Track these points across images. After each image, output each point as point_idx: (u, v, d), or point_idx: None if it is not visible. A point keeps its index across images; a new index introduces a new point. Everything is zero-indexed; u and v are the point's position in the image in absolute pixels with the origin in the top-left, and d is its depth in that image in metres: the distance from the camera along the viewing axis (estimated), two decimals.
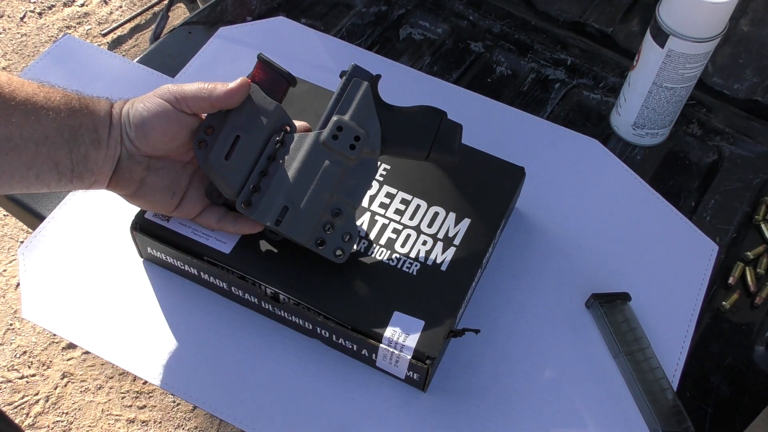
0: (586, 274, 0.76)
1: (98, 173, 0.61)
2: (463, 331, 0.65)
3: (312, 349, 0.69)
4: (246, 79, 0.64)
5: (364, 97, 0.66)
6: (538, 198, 0.81)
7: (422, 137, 0.67)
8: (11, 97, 0.55)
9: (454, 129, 0.67)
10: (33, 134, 0.56)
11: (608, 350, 0.71)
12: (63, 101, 0.59)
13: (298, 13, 1.02)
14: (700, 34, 0.77)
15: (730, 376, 0.73)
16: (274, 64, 0.66)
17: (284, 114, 0.66)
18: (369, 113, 0.66)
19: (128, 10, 2.10)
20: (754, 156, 0.90)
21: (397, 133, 0.67)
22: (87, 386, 1.47)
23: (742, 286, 0.79)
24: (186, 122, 0.63)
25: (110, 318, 0.71)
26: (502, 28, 1.02)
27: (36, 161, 0.57)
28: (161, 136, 0.62)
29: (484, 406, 0.67)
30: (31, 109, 0.56)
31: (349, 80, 0.67)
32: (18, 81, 0.57)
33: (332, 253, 0.65)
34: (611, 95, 0.95)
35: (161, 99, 0.62)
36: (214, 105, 0.63)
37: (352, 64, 0.67)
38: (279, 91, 0.67)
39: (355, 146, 0.65)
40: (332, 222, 0.65)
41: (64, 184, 0.60)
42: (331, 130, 0.65)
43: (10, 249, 1.65)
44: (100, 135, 0.60)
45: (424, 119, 0.67)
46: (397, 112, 0.67)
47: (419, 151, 0.67)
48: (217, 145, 0.64)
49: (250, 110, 0.65)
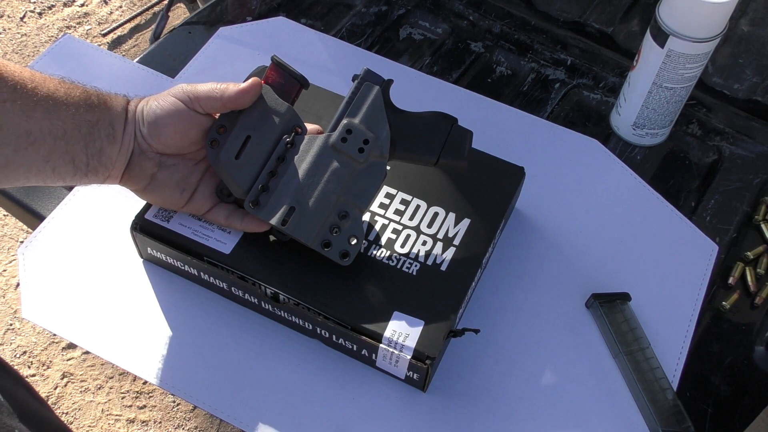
0: (586, 274, 0.76)
1: (112, 168, 0.62)
2: (463, 331, 0.65)
3: (312, 349, 0.69)
4: (258, 80, 0.65)
5: (374, 101, 0.67)
6: (538, 198, 0.81)
7: (432, 142, 0.67)
8: (33, 93, 0.56)
9: (464, 135, 0.68)
10: (52, 129, 0.57)
11: (608, 350, 0.71)
12: (82, 97, 0.60)
13: (298, 13, 1.02)
14: (700, 34, 0.77)
15: (730, 376, 0.73)
16: (287, 66, 0.67)
17: (295, 115, 0.67)
18: (379, 117, 0.67)
19: (128, 10, 2.10)
20: (754, 156, 0.90)
21: (406, 138, 0.67)
22: (87, 386, 1.47)
23: (742, 286, 0.79)
24: (198, 121, 0.64)
25: (110, 318, 0.71)
26: (502, 28, 1.02)
27: (53, 155, 0.58)
28: (173, 134, 0.63)
29: (484, 406, 0.67)
30: (52, 104, 0.57)
31: (361, 84, 0.67)
32: (40, 77, 0.58)
33: (338, 255, 0.66)
34: (611, 95, 0.95)
35: (175, 98, 0.63)
36: (226, 105, 0.64)
37: (365, 68, 0.68)
38: (291, 93, 0.67)
39: (363, 149, 0.66)
40: (339, 224, 0.65)
41: (80, 177, 0.61)
42: (341, 132, 0.66)
43: (10, 249, 1.65)
44: (115, 130, 0.61)
45: (434, 124, 0.68)
46: (407, 117, 0.68)
47: (428, 156, 0.67)
48: (228, 145, 0.65)
49: (261, 111, 0.66)
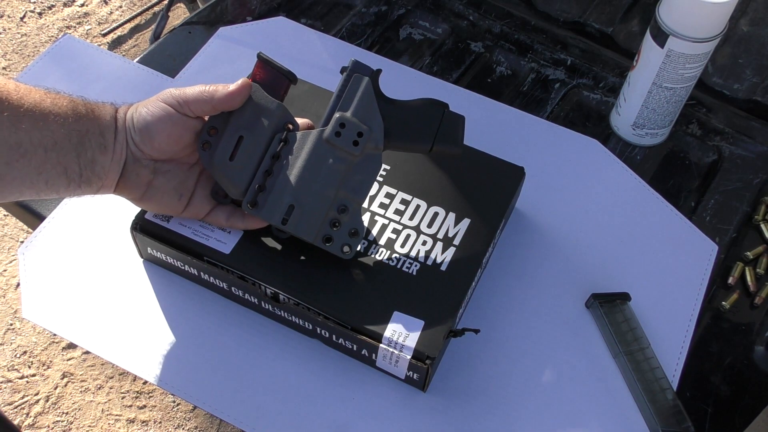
0: (586, 274, 0.76)
1: (105, 178, 0.62)
2: (463, 331, 0.65)
3: (312, 349, 0.69)
4: (247, 80, 0.64)
5: (365, 93, 0.66)
6: (538, 198, 0.81)
7: (425, 130, 0.67)
8: (20, 104, 0.56)
9: (456, 121, 0.67)
10: (42, 140, 0.56)
11: (608, 350, 0.71)
12: (70, 107, 0.59)
13: (298, 13, 1.02)
14: (700, 34, 0.77)
15: (730, 376, 0.73)
16: (274, 63, 0.66)
17: (286, 112, 0.66)
18: (371, 108, 0.66)
19: (128, 10, 2.10)
20: (754, 156, 0.90)
21: (399, 127, 0.67)
22: (87, 386, 1.47)
23: (742, 286, 0.79)
24: (190, 125, 0.64)
25: (110, 318, 0.71)
26: (502, 28, 1.02)
27: (46, 167, 0.57)
28: (166, 140, 0.63)
29: (484, 406, 0.67)
30: (40, 115, 0.57)
31: (350, 76, 0.66)
32: (25, 88, 0.57)
33: (339, 249, 0.66)
34: (611, 95, 0.95)
35: (164, 103, 0.62)
36: (216, 107, 0.63)
37: (352, 59, 0.67)
38: (280, 89, 0.67)
39: (358, 142, 0.65)
40: (338, 218, 0.65)
41: (73, 189, 0.60)
42: (334, 127, 0.65)
43: (10, 249, 1.65)
44: (106, 140, 0.61)
45: (426, 112, 0.67)
46: (399, 106, 0.67)
47: (423, 144, 0.67)
48: (221, 146, 0.64)
49: (252, 110, 0.65)
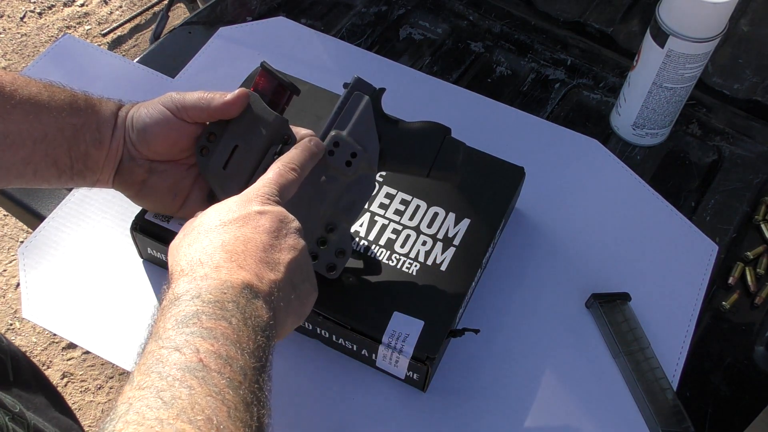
0: (586, 274, 0.76)
1: (100, 172, 0.62)
2: (463, 331, 0.65)
3: (312, 349, 0.69)
4: (244, 90, 0.63)
5: (364, 112, 0.65)
6: (538, 198, 0.80)
7: (424, 154, 0.65)
8: (11, 96, 0.56)
9: (457, 147, 0.66)
10: (31, 132, 0.57)
11: (608, 350, 0.71)
12: (68, 101, 0.59)
13: (298, 13, 1.02)
14: (700, 34, 0.77)
15: (730, 376, 0.73)
16: (276, 73, 0.65)
17: (284, 125, 0.64)
18: (368, 129, 0.65)
19: (128, 10, 2.10)
20: (754, 156, 0.90)
21: (397, 150, 0.65)
22: (87, 386, 1.47)
23: (742, 286, 0.79)
24: (187, 130, 0.63)
25: (110, 318, 0.71)
26: (502, 28, 1.02)
27: (34, 158, 0.58)
28: (162, 143, 0.63)
29: (484, 406, 0.67)
30: (32, 107, 0.57)
31: (350, 93, 0.65)
32: (23, 80, 0.58)
33: (324, 268, 0.64)
34: (611, 95, 0.95)
35: (163, 107, 0.62)
36: (212, 115, 0.63)
37: (355, 76, 0.65)
38: (281, 100, 0.65)
39: (351, 162, 0.63)
40: (326, 237, 0.64)
41: (65, 180, 0.61)
42: (328, 145, 0.63)
43: (10, 249, 1.65)
44: (102, 135, 0.61)
45: (426, 136, 0.65)
46: (399, 128, 0.66)
47: (419, 169, 0.66)
48: (217, 154, 0.63)
49: (249, 120, 0.63)
